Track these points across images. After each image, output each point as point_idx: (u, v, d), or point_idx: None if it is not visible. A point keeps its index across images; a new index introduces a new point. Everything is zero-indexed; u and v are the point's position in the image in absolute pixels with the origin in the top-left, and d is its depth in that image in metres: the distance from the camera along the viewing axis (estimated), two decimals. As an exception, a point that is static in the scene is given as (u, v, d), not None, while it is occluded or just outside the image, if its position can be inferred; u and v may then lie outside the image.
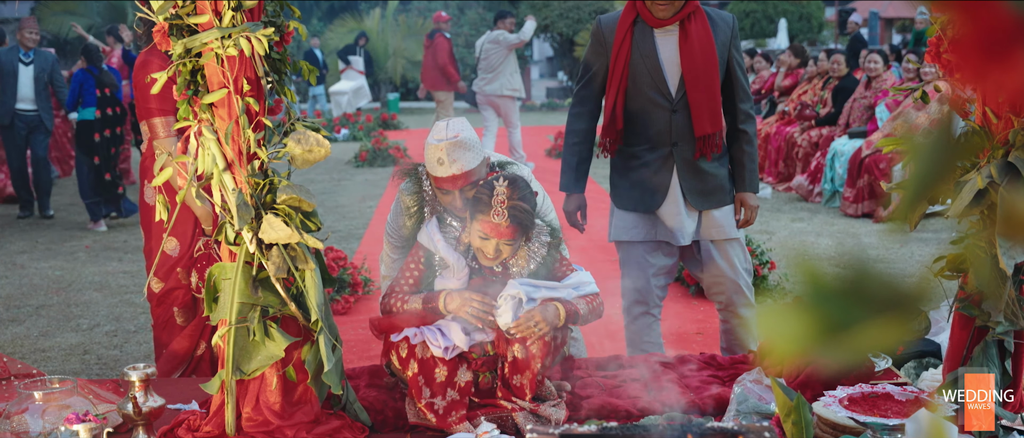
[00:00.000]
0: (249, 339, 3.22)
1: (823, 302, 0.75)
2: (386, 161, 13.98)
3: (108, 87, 9.61)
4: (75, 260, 8.06)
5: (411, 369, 3.44)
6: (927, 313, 4.09)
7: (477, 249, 3.49)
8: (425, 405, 3.42)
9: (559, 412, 3.47)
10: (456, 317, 3.49)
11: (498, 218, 3.39)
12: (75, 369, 5.19)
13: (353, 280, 6.45)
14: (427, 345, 3.45)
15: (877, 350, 3.22)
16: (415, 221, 3.82)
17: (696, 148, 4.22)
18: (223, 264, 3.25)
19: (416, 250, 3.63)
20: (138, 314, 6.26)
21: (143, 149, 4.37)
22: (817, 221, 9.18)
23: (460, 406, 3.44)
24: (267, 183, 3.20)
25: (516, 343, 3.43)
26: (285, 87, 3.31)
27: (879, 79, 10.37)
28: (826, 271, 0.79)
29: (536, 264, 3.58)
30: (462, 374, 3.47)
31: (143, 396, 3.37)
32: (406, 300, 3.55)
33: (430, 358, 3.44)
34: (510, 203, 3.39)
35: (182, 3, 3.09)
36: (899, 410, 3.17)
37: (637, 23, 4.22)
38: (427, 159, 3.66)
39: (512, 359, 3.46)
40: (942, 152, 0.81)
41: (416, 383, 3.43)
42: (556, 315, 3.43)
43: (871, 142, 9.42)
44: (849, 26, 17.71)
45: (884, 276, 0.78)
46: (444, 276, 3.56)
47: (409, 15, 27.77)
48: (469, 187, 3.61)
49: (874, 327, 0.74)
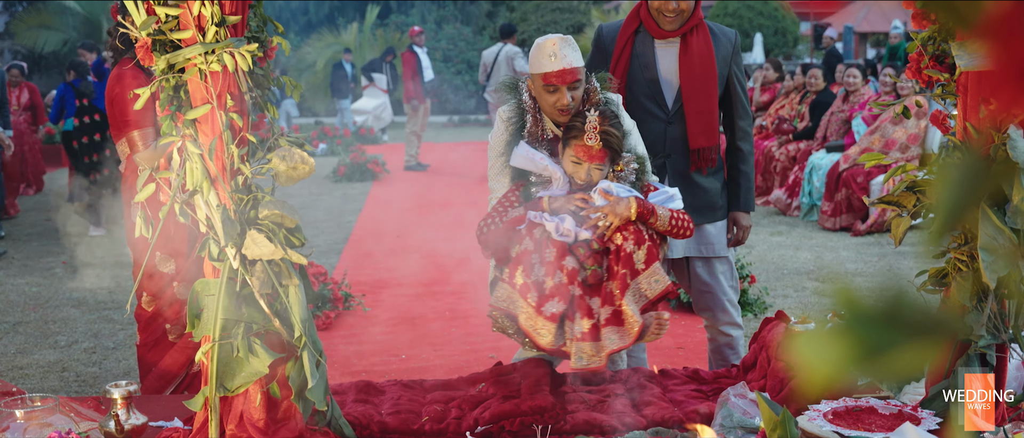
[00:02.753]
0: (233, 355, 3.20)
1: (860, 326, 0.75)
2: (364, 176, 13.96)
3: (86, 96, 9.84)
4: (52, 276, 8.00)
5: (524, 245, 3.64)
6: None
7: (570, 174, 3.76)
8: (533, 281, 3.63)
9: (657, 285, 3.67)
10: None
11: (591, 141, 3.66)
12: (54, 386, 5.15)
13: (334, 295, 6.43)
14: (544, 226, 3.66)
15: (912, 374, 3.24)
16: (513, 130, 3.94)
17: (691, 161, 4.24)
18: (206, 280, 3.23)
19: (513, 185, 3.89)
20: (116, 331, 6.21)
21: (122, 169, 4.31)
22: (795, 235, 9.22)
23: (564, 291, 3.62)
24: (250, 199, 3.19)
25: (617, 234, 3.66)
26: (268, 103, 3.31)
27: (857, 93, 10.44)
28: (863, 296, 0.80)
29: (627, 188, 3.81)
30: (569, 260, 3.65)
31: (125, 414, 3.34)
32: (504, 215, 3.80)
33: (545, 239, 3.65)
34: (602, 129, 3.66)
35: (165, 19, 3.08)
36: (883, 424, 3.18)
37: (639, 33, 4.26)
38: (537, 60, 3.82)
39: (615, 249, 3.66)
40: (972, 178, 0.81)
41: (526, 258, 3.63)
42: (627, 207, 3.66)
43: (849, 156, 9.48)
44: (824, 41, 17.83)
45: (921, 301, 0.78)
46: (544, 189, 3.79)
47: (387, 29, 27.77)
48: (576, 85, 3.80)
49: (910, 351, 0.75)
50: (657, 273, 3.72)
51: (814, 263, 7.91)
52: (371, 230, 10.09)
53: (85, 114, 9.77)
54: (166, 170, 3.18)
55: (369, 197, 12.44)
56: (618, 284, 3.63)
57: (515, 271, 3.67)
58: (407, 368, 5.30)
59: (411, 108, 15.04)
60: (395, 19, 28.61)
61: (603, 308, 3.65)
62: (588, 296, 3.67)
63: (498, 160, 3.99)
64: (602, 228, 3.66)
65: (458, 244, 8.81)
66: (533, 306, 3.62)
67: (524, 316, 3.64)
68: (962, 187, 0.81)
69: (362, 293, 6.77)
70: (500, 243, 3.75)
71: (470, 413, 3.67)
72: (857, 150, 9.43)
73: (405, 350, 5.69)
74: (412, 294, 7.09)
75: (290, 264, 3.23)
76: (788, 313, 4.30)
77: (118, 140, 4.21)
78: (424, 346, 5.77)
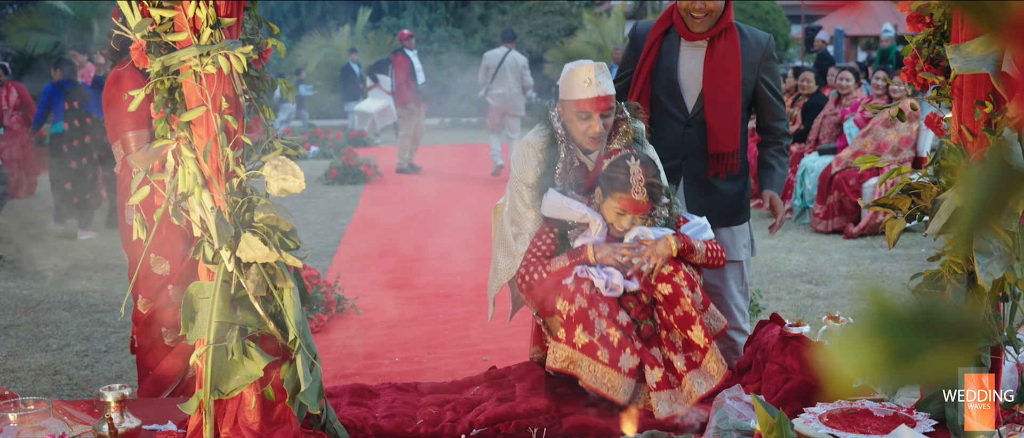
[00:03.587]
0: (227, 358, 3.19)
1: (892, 330, 0.75)
2: (356, 178, 13.94)
3: (77, 100, 9.68)
4: (43, 279, 7.97)
5: (577, 303, 3.58)
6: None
7: (610, 223, 3.75)
8: (599, 339, 3.56)
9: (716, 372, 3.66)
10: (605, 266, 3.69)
11: (638, 195, 3.65)
12: (46, 390, 5.12)
13: (326, 298, 6.42)
14: (593, 282, 3.62)
15: (941, 378, 3.25)
16: (546, 156, 3.90)
17: (709, 165, 4.24)
18: (201, 283, 3.22)
19: (545, 225, 3.83)
20: (108, 333, 6.19)
21: (117, 171, 4.30)
22: (788, 237, 9.23)
23: (626, 344, 3.58)
24: (245, 201, 3.18)
25: (661, 281, 3.66)
26: (263, 105, 3.29)
27: (849, 96, 10.46)
28: (895, 300, 0.80)
29: (660, 228, 3.81)
30: (622, 316, 3.64)
31: (119, 417, 3.33)
32: (547, 264, 3.74)
33: (596, 294, 3.61)
34: (647, 181, 3.66)
35: (160, 20, 3.07)
36: (878, 426, 3.19)
37: (669, 34, 4.27)
38: (570, 85, 3.81)
39: (663, 298, 3.67)
40: (998, 181, 0.81)
41: (584, 316, 3.56)
42: (667, 247, 3.69)
43: (841, 159, 9.50)
44: (816, 44, 17.87)
45: (951, 305, 0.78)
46: (583, 235, 3.76)
47: (378, 32, 27.76)
48: (608, 113, 3.80)
49: (940, 355, 0.75)
50: (716, 313, 3.77)
51: (807, 265, 7.92)
52: (363, 233, 10.08)
53: (75, 118, 9.61)
54: (161, 172, 3.17)
55: (361, 200, 12.43)
56: (680, 331, 3.66)
57: (573, 331, 3.59)
58: (400, 371, 5.29)
59: (406, 112, 15.04)
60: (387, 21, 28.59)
61: (677, 356, 3.65)
62: (648, 347, 3.67)
63: (528, 192, 3.92)
64: (647, 272, 3.66)
65: (450, 247, 8.80)
66: (607, 363, 3.56)
67: (590, 375, 3.58)
68: (990, 189, 0.81)
69: (355, 296, 6.76)
70: (548, 296, 3.71)
71: (465, 416, 3.67)
72: (849, 153, 9.45)
73: (398, 353, 5.68)
74: (405, 297, 7.08)
75: (285, 267, 3.22)
76: (782, 315, 4.31)
77: (114, 142, 4.20)
78: (417, 349, 5.77)
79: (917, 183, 3.30)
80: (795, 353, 3.73)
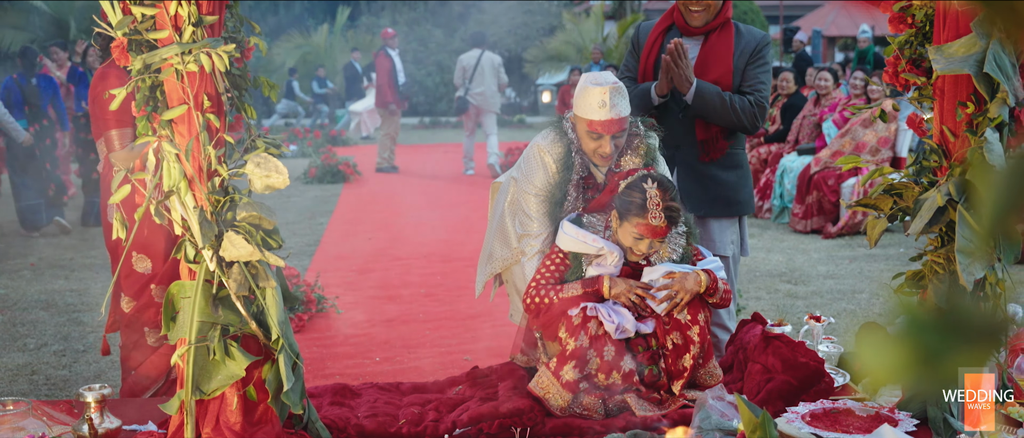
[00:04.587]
0: (209, 358, 3.17)
1: (919, 331, 0.75)
2: (335, 177, 13.90)
3: (32, 102, 9.57)
4: (20, 278, 7.90)
5: (580, 340, 3.55)
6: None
7: (628, 247, 3.68)
8: (585, 377, 3.57)
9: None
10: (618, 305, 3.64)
11: (656, 220, 3.57)
12: (23, 390, 5.07)
13: (307, 297, 6.39)
14: (601, 321, 3.57)
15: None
16: (560, 168, 3.87)
17: (699, 151, 4.31)
18: (182, 282, 3.20)
19: (556, 247, 3.77)
20: (86, 333, 6.14)
21: (100, 168, 4.27)
22: (767, 237, 9.26)
23: (614, 389, 3.59)
24: (227, 200, 3.16)
25: (674, 331, 3.63)
26: (245, 103, 3.28)
27: (828, 96, 10.51)
28: (921, 303, 0.80)
29: (677, 256, 3.76)
30: (627, 361, 3.60)
31: (99, 417, 3.30)
32: (559, 289, 3.66)
33: (602, 335, 3.57)
34: (665, 205, 3.58)
35: (141, 18, 3.04)
36: (860, 425, 3.20)
37: (670, 30, 4.40)
38: (584, 104, 3.76)
39: (673, 346, 3.64)
40: (1020, 182, 0.81)
41: (580, 355, 3.53)
42: (696, 282, 3.64)
43: (820, 159, 9.54)
44: (794, 45, 17.94)
45: (975, 307, 0.79)
46: (599, 264, 3.70)
47: (357, 31, 27.68)
48: (620, 134, 3.78)
49: (965, 354, 0.75)
50: (713, 369, 3.77)
51: (786, 265, 7.95)
52: (343, 232, 10.05)
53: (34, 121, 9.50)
54: (142, 171, 3.14)
55: (340, 199, 12.39)
56: (678, 378, 3.68)
57: (564, 364, 3.60)
58: (381, 371, 5.28)
59: (387, 112, 15.06)
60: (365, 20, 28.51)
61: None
62: (648, 391, 3.67)
63: (534, 201, 3.92)
64: (671, 304, 3.63)
65: (430, 246, 8.79)
66: (571, 398, 3.63)
67: (559, 406, 3.63)
68: (1009, 191, 0.81)
69: (335, 295, 6.73)
70: (553, 324, 3.69)
71: (447, 416, 3.66)
72: (828, 153, 9.49)
73: (379, 353, 5.66)
74: (384, 296, 7.06)
75: (267, 266, 3.20)
76: (762, 315, 4.32)
77: (98, 139, 4.17)
78: (398, 348, 5.75)
79: (899, 183, 3.31)
80: (777, 353, 3.75)
